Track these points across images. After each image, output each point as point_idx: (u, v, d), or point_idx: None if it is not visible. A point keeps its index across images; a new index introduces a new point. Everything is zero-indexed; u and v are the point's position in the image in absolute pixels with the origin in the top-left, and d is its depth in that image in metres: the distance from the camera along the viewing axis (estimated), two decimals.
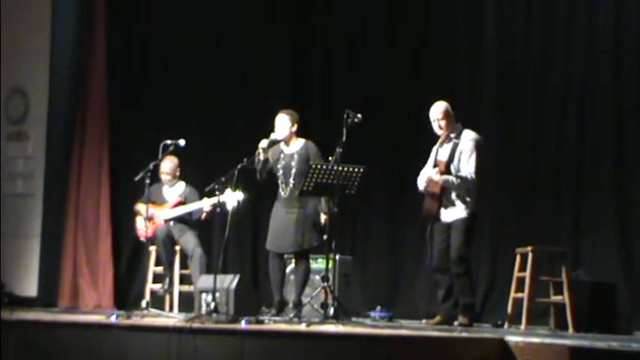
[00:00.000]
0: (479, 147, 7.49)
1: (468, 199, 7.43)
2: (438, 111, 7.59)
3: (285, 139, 8.00)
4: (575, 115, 8.83)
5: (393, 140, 9.66)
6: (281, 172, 7.98)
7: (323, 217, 7.79)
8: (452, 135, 7.57)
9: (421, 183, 7.61)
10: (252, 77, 10.53)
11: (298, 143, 8.03)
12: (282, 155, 8.03)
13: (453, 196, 7.48)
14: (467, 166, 7.44)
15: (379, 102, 9.80)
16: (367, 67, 10.09)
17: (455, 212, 7.48)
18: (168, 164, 9.01)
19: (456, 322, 7.35)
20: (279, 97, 10.00)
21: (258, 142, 7.85)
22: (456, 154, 7.50)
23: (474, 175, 7.41)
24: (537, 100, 9.04)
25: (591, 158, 8.70)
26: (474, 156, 7.44)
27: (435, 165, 7.54)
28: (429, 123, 7.63)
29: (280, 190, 8.00)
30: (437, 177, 7.46)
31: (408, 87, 9.70)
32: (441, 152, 7.61)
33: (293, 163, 7.92)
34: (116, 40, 10.59)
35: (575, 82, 8.83)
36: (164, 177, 9.06)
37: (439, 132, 7.58)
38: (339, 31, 10.43)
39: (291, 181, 7.91)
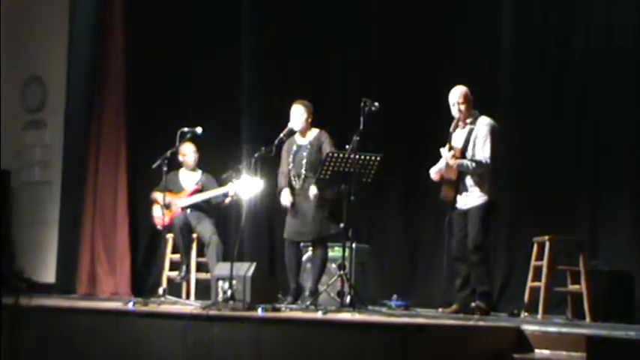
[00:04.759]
0: (494, 132, 7.48)
1: (483, 185, 7.42)
2: (457, 94, 7.58)
3: (301, 129, 8.02)
4: (594, 105, 8.78)
5: (411, 128, 9.63)
6: (292, 164, 7.99)
7: (313, 190, 7.76)
8: (468, 121, 7.56)
9: (434, 173, 7.61)
10: (268, 67, 10.52)
11: (312, 134, 8.05)
12: (294, 147, 8.04)
13: (469, 182, 7.47)
14: (482, 150, 7.43)
15: (397, 89, 9.76)
16: (384, 54, 10.06)
17: (471, 199, 7.47)
18: (191, 147, 9.04)
19: (473, 304, 7.33)
20: (296, 86, 9.98)
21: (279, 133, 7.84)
22: (470, 139, 7.49)
23: (489, 160, 7.40)
24: (556, 91, 8.98)
25: (609, 147, 8.65)
26: (488, 140, 7.43)
27: (450, 149, 7.52)
28: (447, 110, 7.61)
29: (293, 181, 8.01)
30: (452, 161, 7.46)
31: (426, 74, 9.65)
32: (456, 138, 7.60)
33: (305, 154, 7.93)
34: (134, 28, 10.61)
35: (594, 74, 8.77)
36: (188, 158, 9.07)
37: (457, 115, 7.56)
38: (356, 20, 10.39)
39: (303, 171, 7.92)
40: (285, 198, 7.98)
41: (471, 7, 9.60)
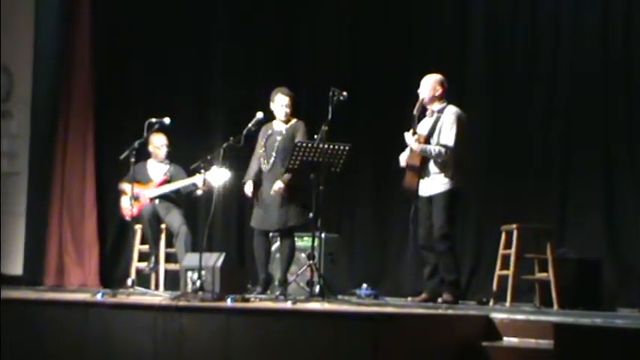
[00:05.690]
0: (460, 120, 7.50)
1: (447, 172, 7.43)
2: (425, 80, 7.60)
3: (285, 119, 8.02)
4: (564, 93, 8.85)
5: (380, 118, 9.66)
6: (263, 149, 7.99)
7: (277, 185, 7.77)
8: (435, 109, 7.58)
9: (403, 159, 7.62)
10: (238, 55, 10.49)
11: (291, 123, 8.08)
12: (270, 130, 8.05)
13: (432, 169, 7.48)
14: (447, 136, 7.44)
15: (366, 79, 9.78)
16: (354, 44, 10.07)
17: (434, 186, 7.48)
18: (163, 139, 9.01)
19: (440, 299, 7.37)
20: (266, 75, 9.96)
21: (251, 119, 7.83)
22: (437, 127, 7.51)
23: (452, 145, 7.40)
24: (526, 78, 9.06)
25: (578, 135, 8.73)
26: (454, 128, 7.44)
27: (414, 134, 7.53)
28: (416, 100, 7.62)
29: (262, 164, 8.01)
30: (415, 145, 7.47)
31: (396, 64, 9.68)
32: (422, 126, 7.62)
33: (278, 138, 7.95)
34: (101, 16, 10.51)
35: (564, 60, 8.85)
36: (160, 150, 9.04)
37: (421, 96, 7.58)
38: (327, 9, 10.38)
39: (273, 154, 7.92)
40: (248, 189, 8.02)
41: (442, 4, 9.64)
